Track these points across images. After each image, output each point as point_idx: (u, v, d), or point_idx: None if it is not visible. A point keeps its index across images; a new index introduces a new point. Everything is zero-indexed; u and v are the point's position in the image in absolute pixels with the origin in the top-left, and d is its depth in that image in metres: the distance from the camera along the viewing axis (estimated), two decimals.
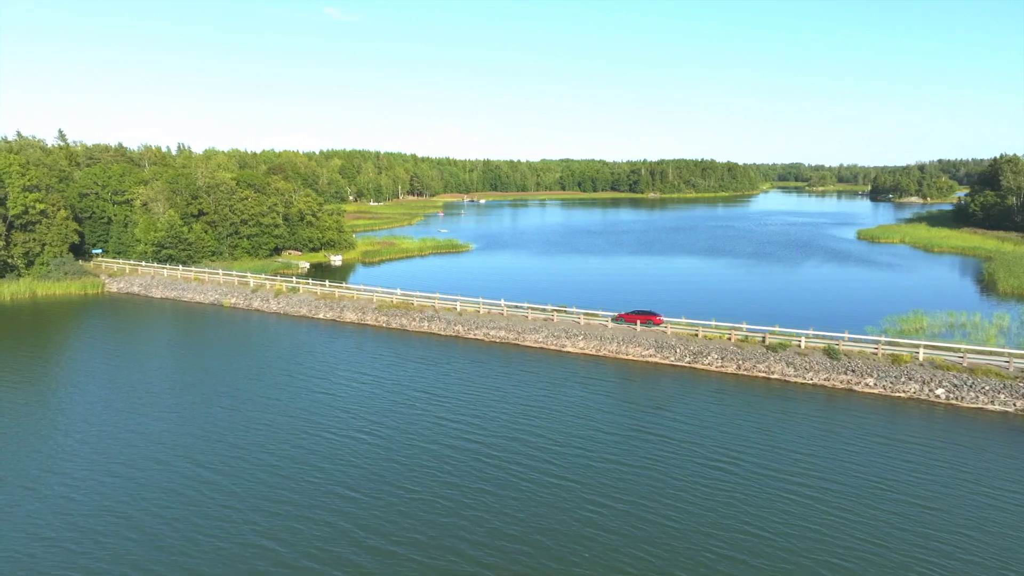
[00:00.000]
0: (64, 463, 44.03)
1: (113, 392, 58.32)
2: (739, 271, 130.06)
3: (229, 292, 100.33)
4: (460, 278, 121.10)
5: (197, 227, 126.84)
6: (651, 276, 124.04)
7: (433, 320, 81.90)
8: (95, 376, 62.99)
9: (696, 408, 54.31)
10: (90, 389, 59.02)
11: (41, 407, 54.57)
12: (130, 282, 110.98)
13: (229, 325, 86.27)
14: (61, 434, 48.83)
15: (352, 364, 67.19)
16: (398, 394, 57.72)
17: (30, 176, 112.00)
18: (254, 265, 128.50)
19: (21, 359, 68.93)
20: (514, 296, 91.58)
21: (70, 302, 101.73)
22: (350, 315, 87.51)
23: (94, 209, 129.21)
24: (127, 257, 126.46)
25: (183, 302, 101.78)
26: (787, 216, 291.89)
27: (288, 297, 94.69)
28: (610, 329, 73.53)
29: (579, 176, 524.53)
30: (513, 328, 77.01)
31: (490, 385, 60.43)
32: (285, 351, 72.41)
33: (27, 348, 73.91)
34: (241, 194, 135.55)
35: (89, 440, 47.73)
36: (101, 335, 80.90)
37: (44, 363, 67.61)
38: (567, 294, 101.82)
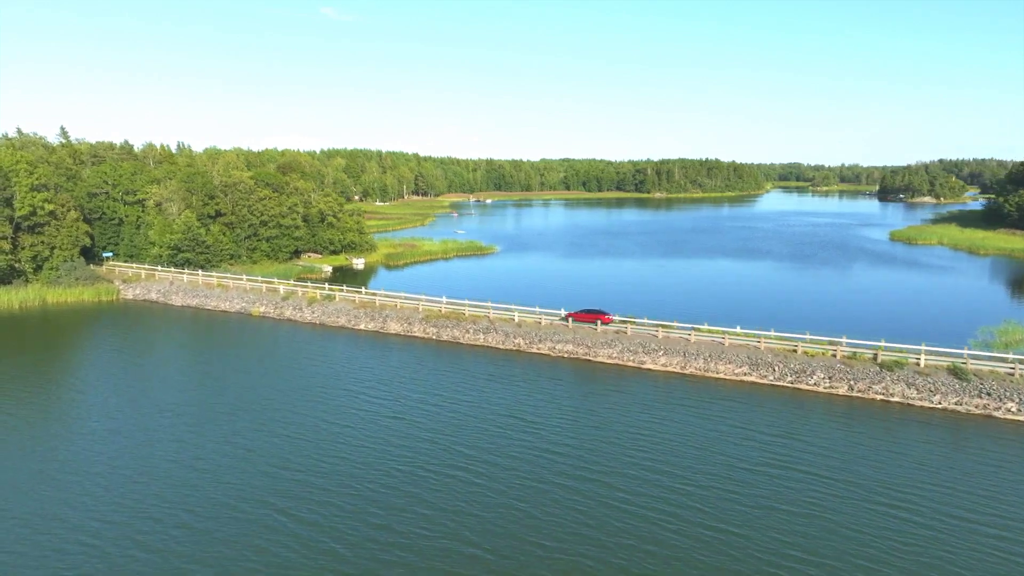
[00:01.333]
0: (97, 512, 36.95)
1: (149, 418, 51.17)
2: (787, 274, 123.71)
3: (257, 299, 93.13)
4: (492, 283, 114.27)
5: (215, 229, 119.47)
6: (695, 280, 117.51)
7: (489, 332, 75.04)
8: (124, 398, 55.79)
9: (829, 438, 47.68)
10: (120, 413, 51.88)
11: (66, 439, 47.43)
12: (147, 288, 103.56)
13: (262, 336, 79.17)
14: (103, 468, 41.79)
15: (417, 382, 60.28)
16: (483, 420, 50.86)
17: (38, 174, 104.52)
18: (275, 269, 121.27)
19: (35, 377, 61.68)
20: (559, 304, 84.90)
21: (83, 310, 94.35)
22: (394, 326, 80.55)
23: (104, 210, 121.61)
24: (140, 261, 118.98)
25: (206, 310, 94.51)
26: (804, 216, 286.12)
27: (323, 305, 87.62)
28: (693, 343, 66.85)
29: (583, 176, 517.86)
30: (582, 342, 70.26)
31: (580, 407, 53.69)
32: (336, 367, 65.40)
33: (41, 364, 66.63)
34: (260, 194, 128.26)
35: (136, 478, 40.67)
36: (122, 348, 73.64)
37: (61, 382, 60.37)
38: (616, 302, 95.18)
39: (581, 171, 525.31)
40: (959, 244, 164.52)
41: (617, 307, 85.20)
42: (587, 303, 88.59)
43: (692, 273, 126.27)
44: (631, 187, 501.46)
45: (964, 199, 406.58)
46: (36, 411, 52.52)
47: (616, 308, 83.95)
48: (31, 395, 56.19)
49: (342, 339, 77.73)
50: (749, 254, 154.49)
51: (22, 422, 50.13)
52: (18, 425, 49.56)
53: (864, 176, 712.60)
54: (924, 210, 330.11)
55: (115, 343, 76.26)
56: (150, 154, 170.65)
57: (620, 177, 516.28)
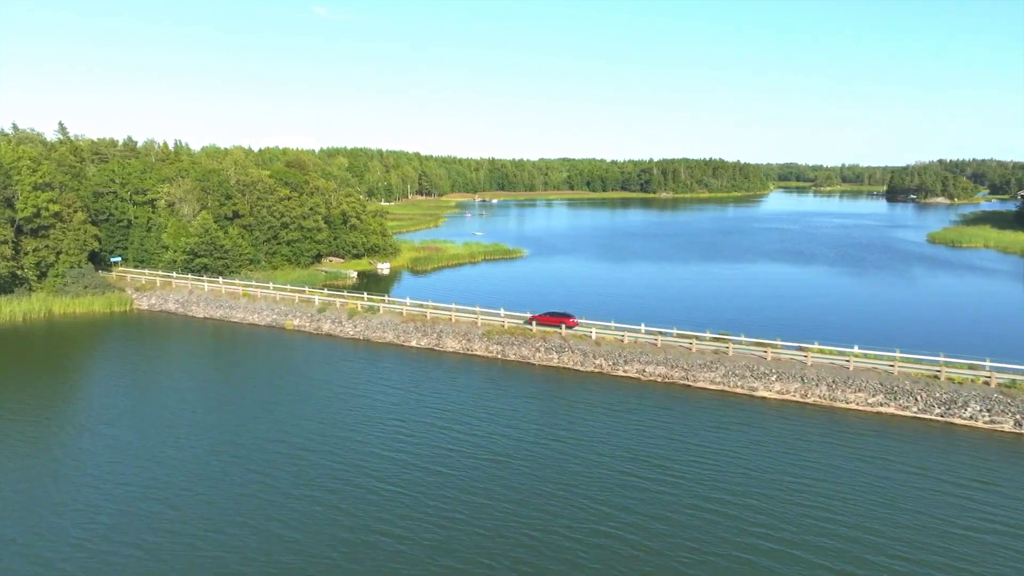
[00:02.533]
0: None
1: (179, 465, 42.13)
2: (848, 280, 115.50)
3: (289, 311, 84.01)
4: (533, 291, 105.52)
5: (233, 231, 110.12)
6: (754, 287, 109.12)
7: (564, 351, 66.26)
8: (145, 432, 46.72)
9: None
10: (142, 453, 42.82)
11: (73, 493, 38.36)
12: (163, 297, 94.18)
13: (300, 354, 70.11)
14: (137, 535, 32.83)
15: (505, 412, 51.46)
16: (607, 464, 42.01)
17: (42, 172, 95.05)
18: (298, 276, 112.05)
19: (41, 401, 52.50)
20: (627, 318, 76.46)
21: (94, 323, 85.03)
22: (451, 343, 71.64)
23: (111, 210, 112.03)
24: (151, 266, 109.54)
25: (232, 323, 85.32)
26: (824, 217, 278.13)
27: (365, 319, 78.60)
28: (811, 366, 58.31)
29: (587, 175, 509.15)
30: (676, 363, 61.58)
31: (714, 446, 44.97)
32: (400, 392, 56.46)
33: (49, 386, 57.42)
34: (280, 193, 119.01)
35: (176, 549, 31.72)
36: (140, 367, 64.43)
37: (71, 411, 51.19)
38: (674, 312, 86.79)
39: (585, 171, 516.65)
40: (1008, 247, 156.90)
41: (689, 321, 76.72)
42: (650, 316, 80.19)
43: (746, 279, 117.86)
44: (636, 187, 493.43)
45: (977, 200, 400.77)
46: (41, 450, 43.42)
47: (689, 323, 75.48)
48: (37, 425, 47.07)
49: (392, 358, 68.81)
50: (794, 257, 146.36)
51: (24, 464, 41.03)
52: (18, 468, 40.48)
53: (866, 176, 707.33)
54: (940, 211, 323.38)
55: (131, 361, 67.01)
56: (151, 151, 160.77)
57: (624, 177, 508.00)
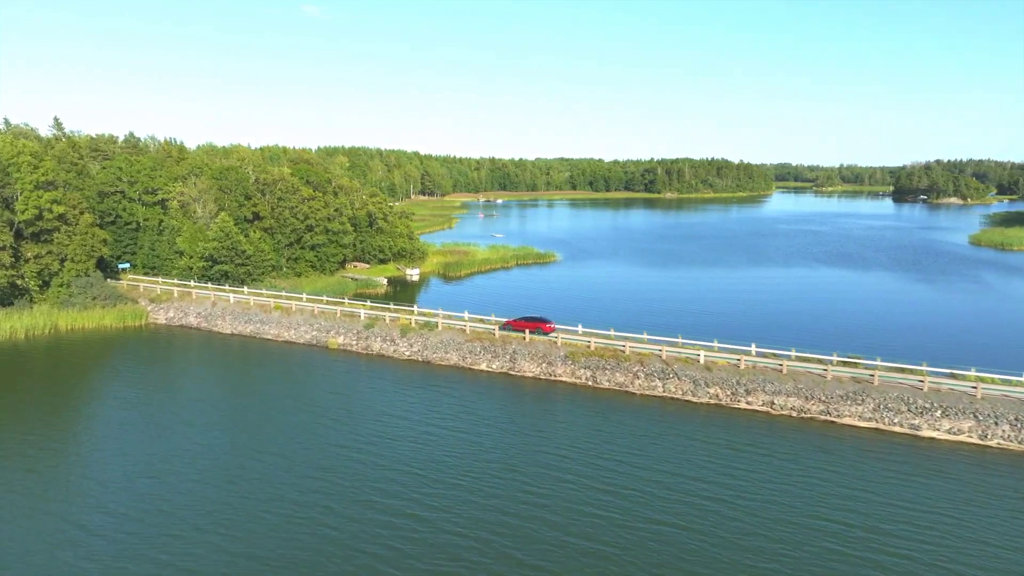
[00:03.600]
0: None
1: (214, 524, 32.25)
2: (923, 288, 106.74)
3: (331, 327, 73.99)
4: (583, 301, 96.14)
5: (255, 235, 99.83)
6: (824, 295, 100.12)
7: (669, 378, 56.76)
8: (186, 484, 36.77)
9: None
10: (165, 506, 32.91)
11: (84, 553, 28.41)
12: (182, 310, 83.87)
13: (357, 379, 60.21)
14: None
15: (644, 458, 41.86)
16: (806, 542, 32.56)
17: (44, 169, 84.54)
18: (326, 284, 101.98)
19: (49, 443, 42.39)
20: (686, 329, 67.40)
21: (106, 340, 74.75)
22: (529, 366, 61.95)
23: (118, 212, 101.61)
24: (164, 274, 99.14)
25: (265, 341, 75.24)
26: (849, 219, 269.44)
27: (422, 336, 68.70)
28: (981, 400, 49.07)
29: (590, 175, 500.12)
30: (812, 394, 52.22)
31: (922, 504, 35.57)
32: (502, 433, 46.73)
33: (58, 421, 47.28)
34: (303, 193, 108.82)
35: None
36: (164, 398, 54.32)
37: (87, 451, 41.14)
38: (757, 326, 77.77)
39: (587, 170, 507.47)
40: None
41: (779, 338, 67.62)
42: (731, 331, 71.27)
43: (812, 286, 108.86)
44: (640, 187, 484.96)
45: (989, 200, 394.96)
46: (41, 515, 33.41)
47: (779, 339, 66.44)
48: (39, 479, 37.03)
49: (462, 384, 59.11)
50: (846, 261, 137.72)
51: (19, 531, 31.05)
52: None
53: (867, 176, 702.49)
54: (957, 212, 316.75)
55: (151, 388, 56.86)
56: (154, 148, 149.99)
57: (628, 177, 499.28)
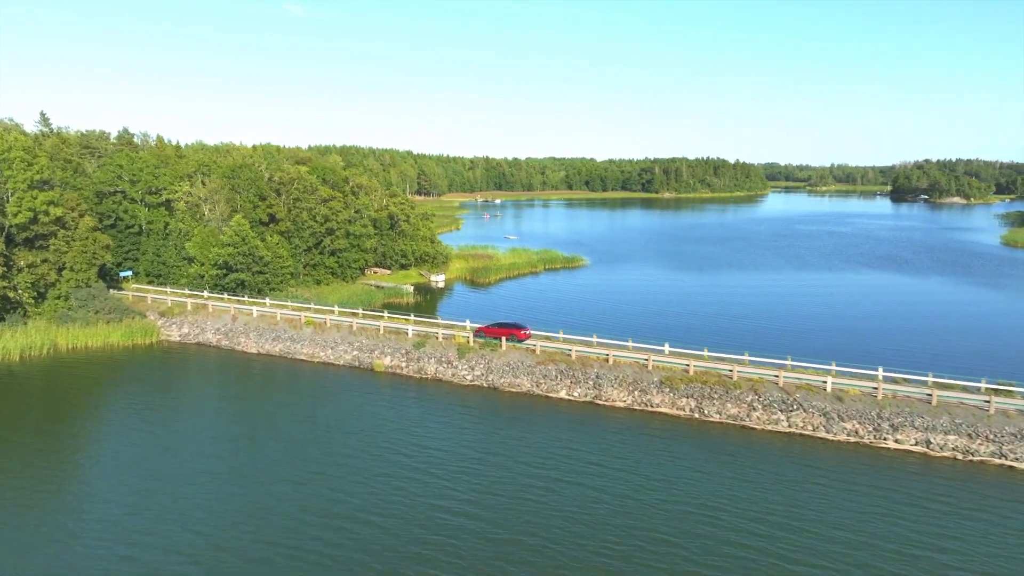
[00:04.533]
0: None
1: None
2: (990, 293, 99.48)
3: (375, 346, 64.82)
4: (633, 310, 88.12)
5: (272, 239, 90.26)
6: (893, 303, 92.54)
7: (792, 409, 48.42)
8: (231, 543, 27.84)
9: None
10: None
11: None
12: (198, 325, 74.32)
13: (420, 411, 51.29)
14: None
15: (815, 517, 33.38)
16: None
17: (39, 167, 74.74)
18: (350, 293, 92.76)
19: (47, 494, 33.17)
20: (773, 347, 59.62)
21: (112, 361, 65.24)
22: (618, 394, 53.34)
23: (119, 214, 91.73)
24: (172, 283, 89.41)
25: (298, 362, 65.98)
26: (862, 219, 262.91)
27: (484, 357, 59.80)
28: None
29: (586, 175, 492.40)
30: (975, 431, 44.04)
31: None
32: (640, 486, 38.09)
33: (61, 463, 37.97)
34: (322, 193, 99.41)
35: None
36: (186, 433, 45.04)
37: (95, 503, 31.98)
38: (846, 343, 69.99)
39: (583, 170, 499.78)
40: None
41: (880, 357, 59.67)
42: (811, 350, 63.45)
43: (873, 293, 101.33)
44: (637, 187, 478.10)
45: (991, 200, 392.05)
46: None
47: (879, 358, 58.55)
48: (38, 541, 28.02)
49: (542, 415, 50.51)
50: (891, 264, 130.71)
51: None
52: None
53: (859, 176, 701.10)
54: (961, 211, 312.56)
55: (166, 418, 47.54)
56: (145, 145, 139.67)
57: (625, 176, 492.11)
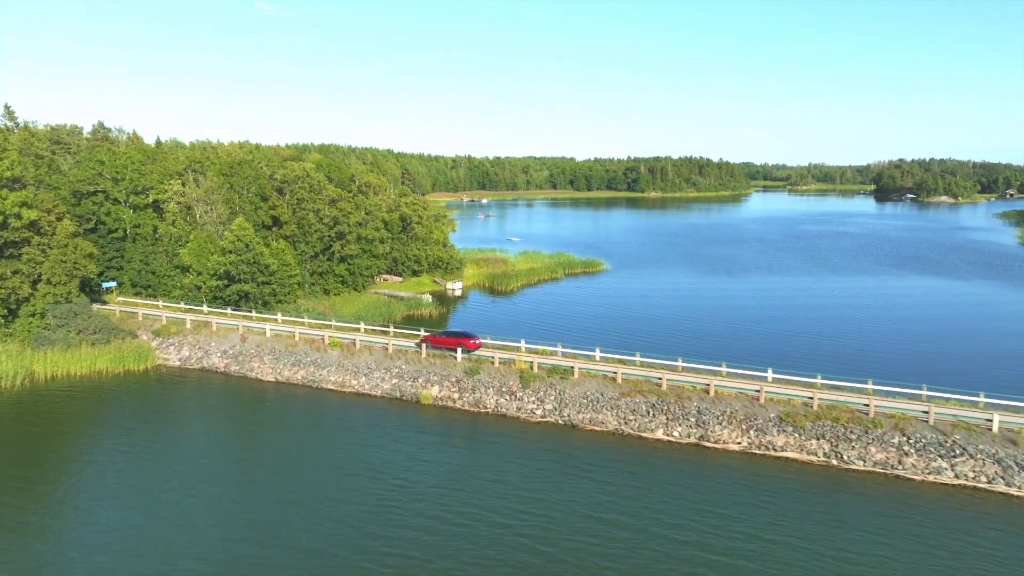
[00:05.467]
0: None
1: None
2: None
3: (417, 372, 55.10)
4: (680, 324, 79.92)
5: (277, 244, 79.79)
6: (974, 319, 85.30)
7: (955, 455, 39.97)
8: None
9: None
10: None
11: None
12: (200, 347, 63.81)
13: (497, 461, 41.87)
14: None
15: None
16: None
17: (9, 162, 63.80)
18: (366, 305, 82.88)
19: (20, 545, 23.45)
20: (861, 368, 51.59)
21: (100, 391, 54.76)
22: (729, 434, 44.33)
23: (100, 217, 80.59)
24: (164, 295, 78.66)
25: (325, 392, 56.00)
26: (863, 219, 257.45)
27: (554, 387, 50.46)
28: None
29: (571, 174, 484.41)
30: None
31: None
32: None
33: (36, 519, 28.12)
34: (329, 192, 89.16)
35: None
36: (196, 487, 35.11)
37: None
38: (956, 367, 62.16)
39: (568, 169, 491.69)
40: None
41: (985, 383, 51.72)
42: (911, 370, 55.55)
43: (939, 302, 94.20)
44: (623, 186, 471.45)
45: (977, 198, 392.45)
46: None
47: (985, 384, 50.62)
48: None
49: (640, 460, 41.47)
50: (926, 267, 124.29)
51: None
52: None
53: (838, 175, 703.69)
54: (953, 210, 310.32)
55: (169, 465, 37.48)
56: (121, 141, 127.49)
57: (610, 176, 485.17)
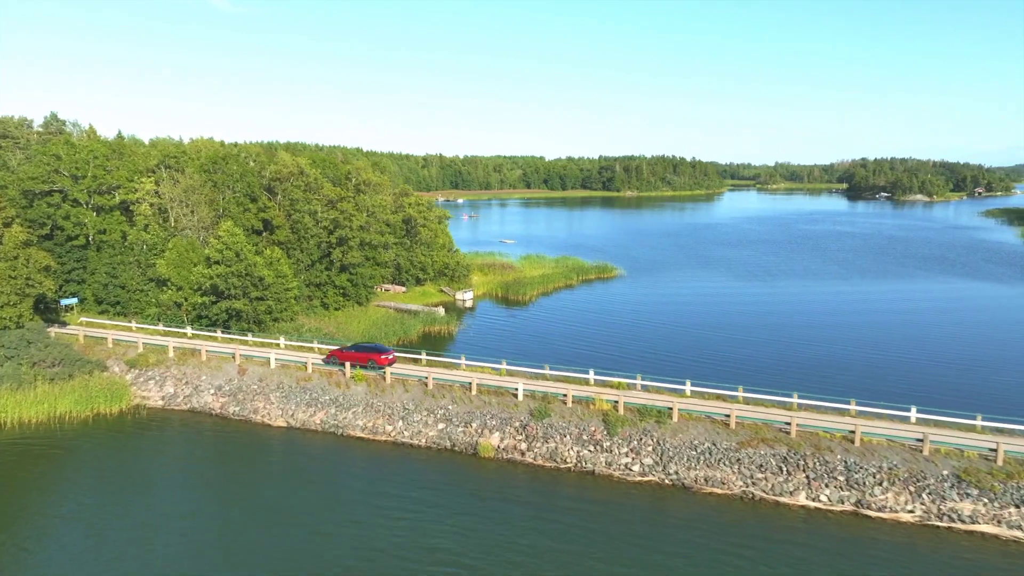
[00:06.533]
0: None
1: None
2: None
3: (468, 414, 44.35)
4: (714, 336, 70.40)
5: (271, 253, 67.84)
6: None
7: None
8: None
9: None
10: None
11: None
12: (188, 381, 52.00)
13: (609, 543, 31.68)
14: None
15: None
16: None
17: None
18: (373, 321, 71.66)
19: None
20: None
21: (64, 442, 42.97)
22: (894, 499, 34.76)
23: (57, 220, 67.96)
24: (137, 313, 66.35)
25: (352, 440, 44.93)
26: (851, 217, 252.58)
27: (650, 434, 40.28)
28: None
29: (545, 173, 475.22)
30: None
31: None
32: None
33: None
34: (327, 192, 77.57)
35: None
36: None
37: None
38: None
39: (542, 168, 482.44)
40: None
41: None
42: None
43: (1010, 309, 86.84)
44: (598, 185, 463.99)
45: (950, 197, 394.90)
46: None
47: None
48: None
49: (797, 537, 31.66)
50: (956, 268, 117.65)
51: None
52: None
53: (805, 174, 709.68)
54: (932, 208, 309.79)
55: (151, 550, 26.75)
56: (75, 135, 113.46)
57: (585, 175, 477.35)
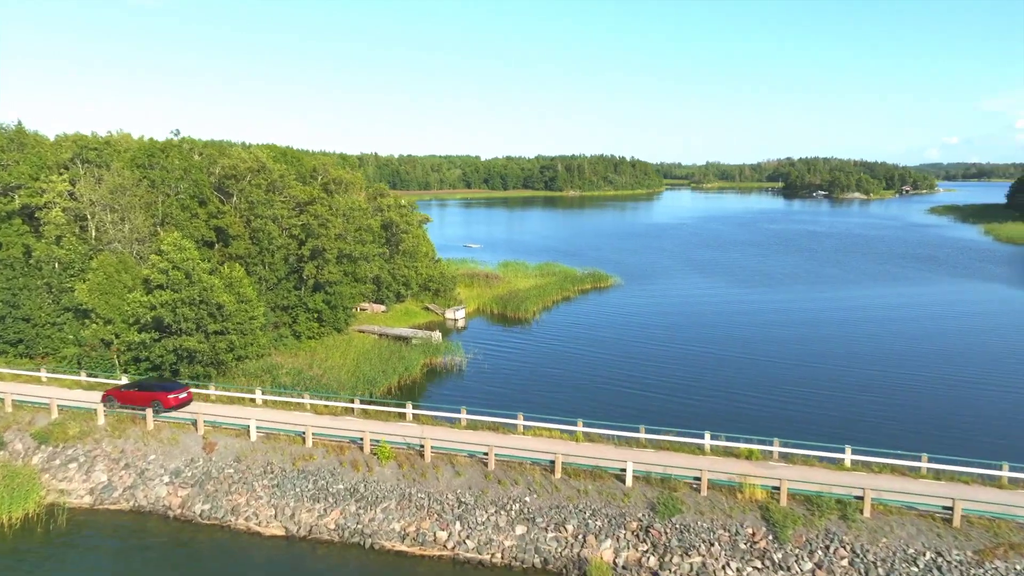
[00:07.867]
0: None
1: None
2: None
3: (558, 512, 30.90)
4: (793, 362, 59.62)
5: (229, 271, 51.88)
6: None
7: None
8: None
9: None
10: None
11: None
12: (130, 461, 36.32)
13: None
14: None
15: None
16: None
17: None
18: (360, 351, 57.09)
19: None
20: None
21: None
22: None
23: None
24: (50, 355, 49.69)
25: (383, 557, 30.71)
26: (811, 216, 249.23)
27: (840, 537, 27.93)
28: None
29: (485, 173, 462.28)
30: None
31: None
32: None
33: None
34: (296, 192, 62.12)
35: None
36: None
37: None
38: None
39: (482, 168, 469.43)
40: None
41: None
42: None
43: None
44: (540, 184, 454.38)
45: (886, 195, 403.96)
46: None
47: None
48: None
49: None
50: (957, 270, 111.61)
51: None
52: None
53: (736, 173, 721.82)
54: (872, 206, 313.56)
55: None
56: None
57: (526, 174, 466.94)
